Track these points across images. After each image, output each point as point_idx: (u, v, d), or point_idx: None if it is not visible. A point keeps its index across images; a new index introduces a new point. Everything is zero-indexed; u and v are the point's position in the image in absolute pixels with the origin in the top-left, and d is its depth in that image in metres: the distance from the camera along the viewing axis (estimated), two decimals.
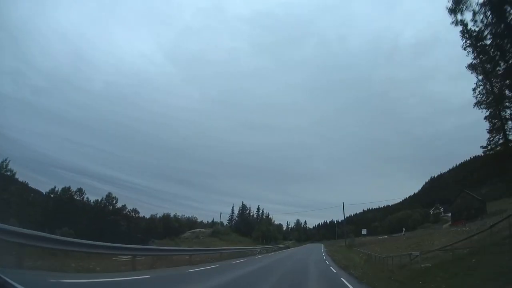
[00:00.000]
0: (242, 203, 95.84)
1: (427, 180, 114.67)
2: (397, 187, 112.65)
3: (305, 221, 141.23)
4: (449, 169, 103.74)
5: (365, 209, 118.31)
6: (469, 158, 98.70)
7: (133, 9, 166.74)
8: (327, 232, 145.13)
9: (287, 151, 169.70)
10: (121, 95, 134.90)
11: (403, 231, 55.86)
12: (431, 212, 79.82)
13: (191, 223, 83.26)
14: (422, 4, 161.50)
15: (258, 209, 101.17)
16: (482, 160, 26.96)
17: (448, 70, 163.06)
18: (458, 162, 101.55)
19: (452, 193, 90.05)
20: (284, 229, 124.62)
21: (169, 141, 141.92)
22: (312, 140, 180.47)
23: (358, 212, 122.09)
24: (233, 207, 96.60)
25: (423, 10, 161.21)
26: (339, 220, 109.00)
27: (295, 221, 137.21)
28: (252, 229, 77.57)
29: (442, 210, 76.88)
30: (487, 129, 17.63)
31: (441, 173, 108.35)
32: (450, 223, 55.43)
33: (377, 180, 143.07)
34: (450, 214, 65.84)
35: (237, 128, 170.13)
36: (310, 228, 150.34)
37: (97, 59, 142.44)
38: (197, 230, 65.97)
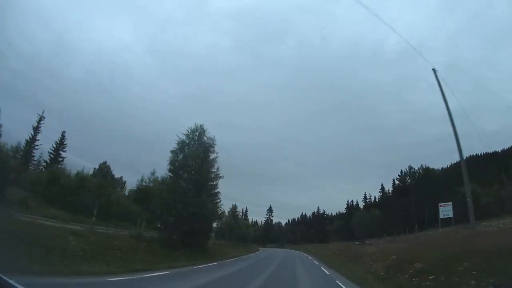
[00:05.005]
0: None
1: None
2: (372, 192, 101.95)
3: (271, 209, 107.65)
4: (442, 168, 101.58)
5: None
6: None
7: None
8: (307, 229, 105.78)
9: (257, 151, 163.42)
10: (98, 84, 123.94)
11: None
12: None
13: None
14: (407, 12, 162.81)
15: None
16: None
17: (430, 79, 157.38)
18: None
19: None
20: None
21: (141, 133, 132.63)
22: (284, 142, 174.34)
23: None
24: None
25: (408, 18, 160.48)
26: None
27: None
28: None
29: None
30: None
31: (432, 168, 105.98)
32: None
33: (349, 184, 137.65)
34: None
35: (209, 125, 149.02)
36: (279, 223, 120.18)
37: (77, 46, 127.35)
38: None
